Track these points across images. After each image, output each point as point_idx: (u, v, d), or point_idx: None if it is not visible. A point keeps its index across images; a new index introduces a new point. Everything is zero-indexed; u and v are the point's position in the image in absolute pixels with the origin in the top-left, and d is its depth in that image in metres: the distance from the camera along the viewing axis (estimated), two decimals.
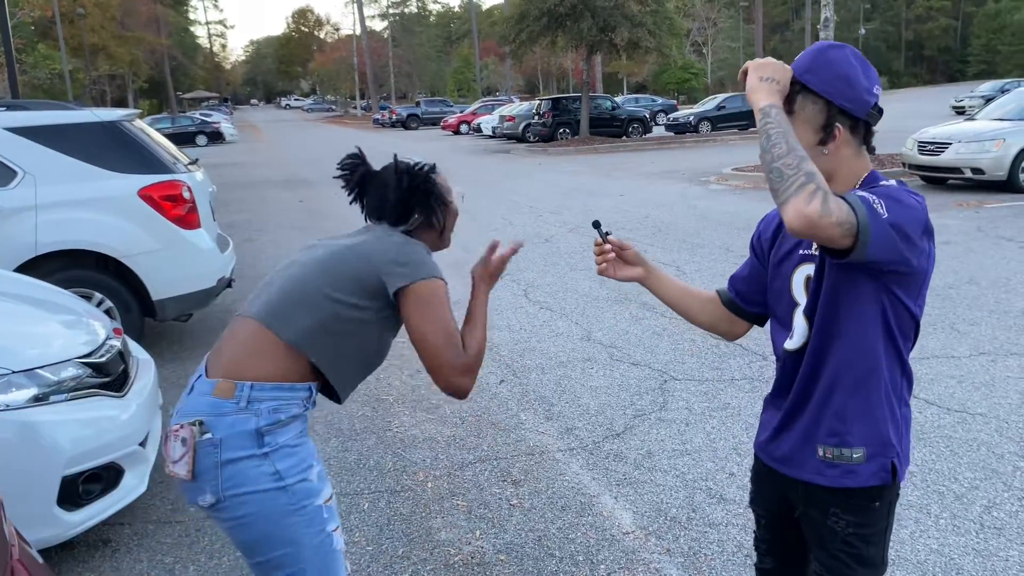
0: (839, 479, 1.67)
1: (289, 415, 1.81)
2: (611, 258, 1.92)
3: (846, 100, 1.59)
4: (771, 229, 1.85)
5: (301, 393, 1.85)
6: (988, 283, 6.70)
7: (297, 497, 1.80)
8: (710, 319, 1.96)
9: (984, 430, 3.99)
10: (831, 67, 1.60)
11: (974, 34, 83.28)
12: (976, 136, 12.13)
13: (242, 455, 1.75)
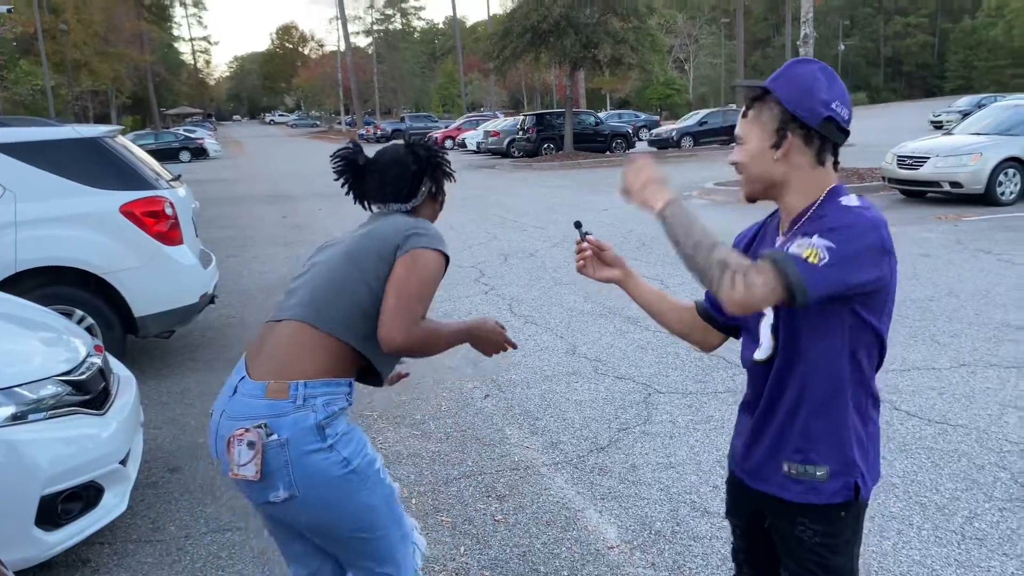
0: (803, 495, 1.70)
1: (339, 407, 1.93)
2: (587, 256, 1.97)
3: (799, 108, 1.64)
4: (744, 242, 1.89)
5: (344, 388, 1.96)
6: (967, 295, 6.77)
7: (364, 474, 1.94)
8: (684, 327, 1.98)
9: (965, 441, 4.02)
10: (795, 78, 1.67)
11: (951, 50, 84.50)
12: (954, 150, 12.29)
13: (310, 449, 1.86)
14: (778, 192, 1.72)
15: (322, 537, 2.02)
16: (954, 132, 14.03)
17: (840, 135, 1.68)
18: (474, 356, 5.81)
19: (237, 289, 8.42)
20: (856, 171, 15.91)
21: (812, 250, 1.51)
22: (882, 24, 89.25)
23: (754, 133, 1.69)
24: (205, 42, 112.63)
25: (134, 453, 3.39)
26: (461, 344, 2.11)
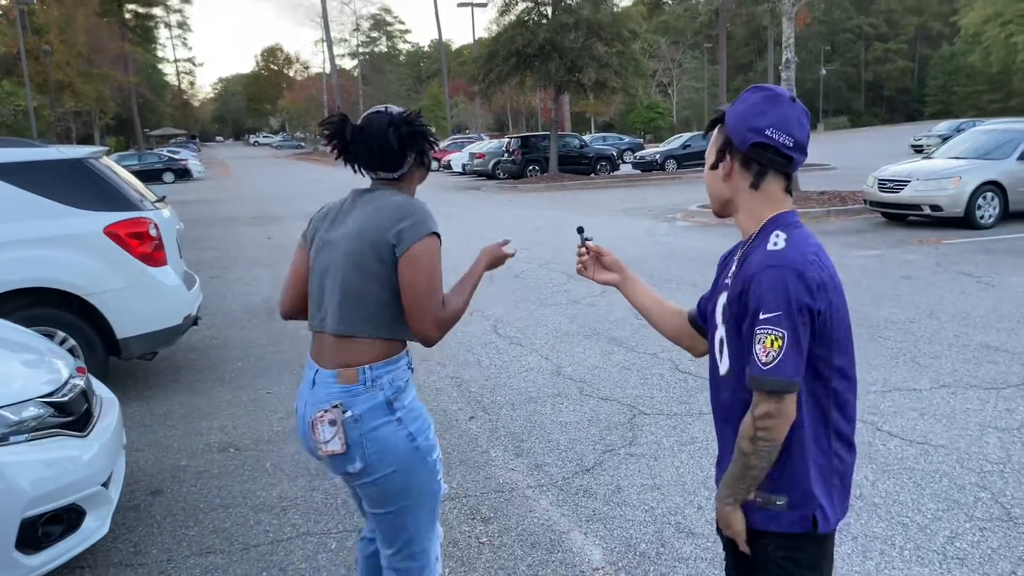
0: (763, 523, 1.74)
1: (404, 380, 2.18)
2: (586, 260, 2.12)
3: (732, 132, 1.74)
4: (724, 256, 1.97)
5: (404, 360, 2.21)
6: (948, 317, 6.84)
7: (424, 453, 2.18)
8: (673, 331, 2.08)
9: (946, 461, 4.05)
10: (739, 103, 1.77)
11: (930, 76, 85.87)
12: (934, 174, 12.46)
13: (380, 423, 2.11)
14: (731, 211, 1.83)
15: (378, 508, 2.21)
16: (934, 156, 14.23)
17: (779, 160, 1.72)
18: (459, 378, 5.81)
19: (221, 310, 8.38)
20: (838, 194, 16.09)
21: (761, 336, 1.61)
22: (863, 50, 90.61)
23: (711, 153, 1.81)
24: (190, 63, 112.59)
25: (116, 475, 3.36)
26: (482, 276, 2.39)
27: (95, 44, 50.89)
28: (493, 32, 29.29)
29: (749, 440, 1.64)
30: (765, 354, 1.59)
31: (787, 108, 1.72)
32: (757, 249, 1.71)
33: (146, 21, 78.91)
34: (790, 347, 1.59)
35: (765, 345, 1.60)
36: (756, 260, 1.68)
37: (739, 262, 1.78)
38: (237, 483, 4.17)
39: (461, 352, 6.49)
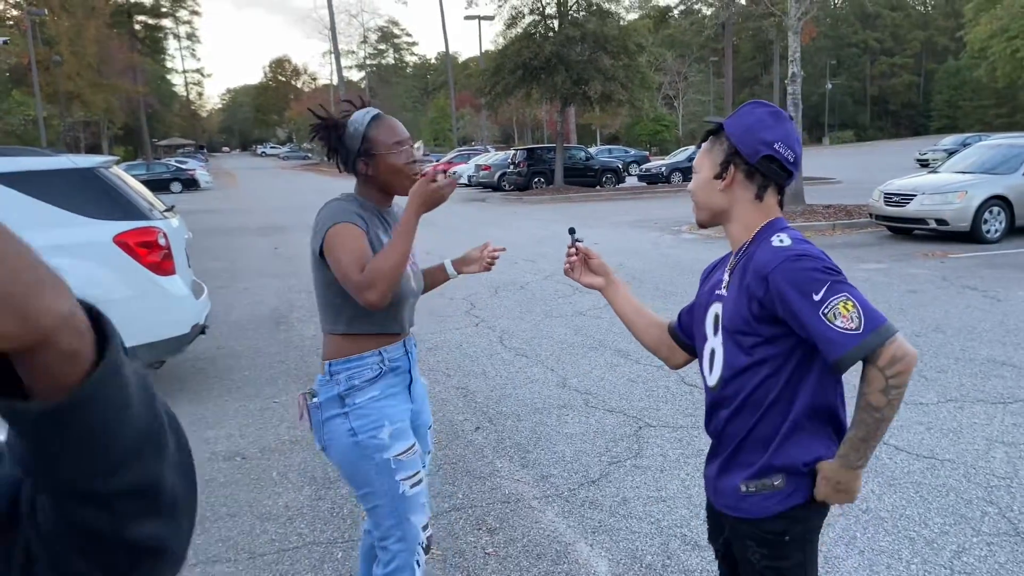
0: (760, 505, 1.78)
1: (363, 380, 2.28)
2: (574, 260, 2.13)
3: (742, 144, 1.77)
4: (707, 270, 2.01)
5: (369, 360, 2.29)
6: (954, 331, 6.83)
7: (368, 450, 2.26)
8: (652, 342, 2.11)
9: (952, 476, 4.05)
10: (744, 116, 1.81)
11: (936, 90, 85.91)
12: (940, 188, 12.46)
13: (332, 414, 2.28)
14: (724, 221, 1.85)
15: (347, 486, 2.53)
16: (940, 170, 14.24)
17: (782, 174, 1.79)
18: (465, 388, 5.82)
19: (228, 320, 8.41)
20: (844, 208, 16.09)
21: (832, 311, 1.62)
22: (868, 64, 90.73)
23: (705, 164, 1.84)
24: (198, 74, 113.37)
25: None
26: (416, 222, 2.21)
27: (105, 55, 51.28)
28: (500, 45, 29.40)
29: (881, 392, 1.61)
30: (848, 321, 1.60)
31: (789, 125, 1.80)
32: (759, 252, 1.74)
33: (155, 32, 79.54)
34: (859, 300, 1.63)
35: (843, 314, 1.60)
36: (766, 259, 1.69)
37: (735, 270, 1.81)
38: (244, 492, 4.18)
39: (467, 363, 6.50)
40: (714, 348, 1.83)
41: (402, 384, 2.39)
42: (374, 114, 2.30)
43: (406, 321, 2.40)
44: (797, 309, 1.63)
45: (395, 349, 2.36)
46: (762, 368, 1.73)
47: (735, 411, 1.78)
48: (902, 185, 13.10)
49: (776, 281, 1.65)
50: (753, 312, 1.70)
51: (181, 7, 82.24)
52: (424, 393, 2.59)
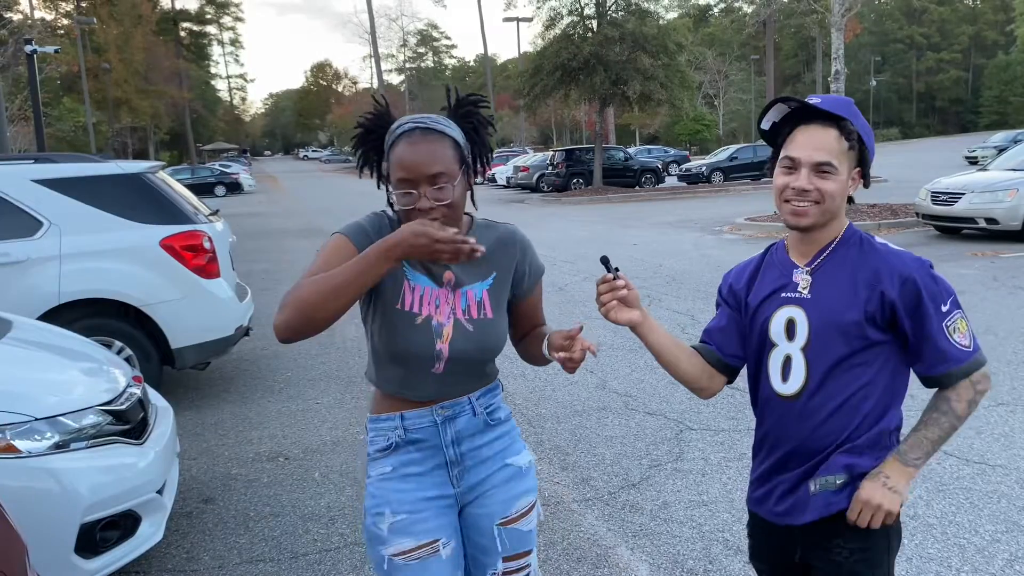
0: (823, 509, 1.73)
1: (376, 448, 1.89)
2: (623, 295, 1.71)
3: (869, 144, 1.72)
4: (745, 276, 1.88)
5: (387, 423, 1.87)
6: (1006, 333, 6.66)
7: (370, 536, 1.88)
8: (695, 372, 1.86)
9: (1004, 482, 3.94)
10: (860, 116, 1.72)
11: (985, 85, 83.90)
12: (989, 186, 12.16)
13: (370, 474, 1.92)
14: (828, 220, 1.73)
15: None
16: (989, 168, 13.88)
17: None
18: (505, 391, 5.81)
19: (272, 322, 8.52)
20: (890, 207, 15.79)
21: (954, 325, 1.66)
22: (914, 60, 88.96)
23: (844, 166, 1.69)
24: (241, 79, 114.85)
25: (170, 483, 3.44)
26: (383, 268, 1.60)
27: (151, 62, 52.48)
28: (538, 46, 29.45)
29: (968, 403, 1.66)
30: (964, 338, 1.67)
31: None
32: (884, 255, 1.69)
33: (200, 39, 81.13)
34: (967, 323, 1.70)
35: (962, 331, 1.67)
36: (903, 261, 1.67)
37: (821, 271, 1.73)
38: (286, 492, 4.24)
39: (506, 365, 6.51)
40: (790, 355, 1.73)
41: (429, 463, 1.87)
42: (401, 131, 1.75)
43: (431, 388, 1.83)
44: (925, 315, 1.64)
45: (419, 417, 1.85)
46: (863, 374, 1.68)
47: (826, 418, 1.70)
48: (950, 183, 12.81)
49: (919, 284, 1.64)
50: (869, 312, 1.65)
51: (225, 14, 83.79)
52: (503, 471, 1.94)
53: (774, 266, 1.82)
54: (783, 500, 1.79)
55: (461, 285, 1.84)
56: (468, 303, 1.84)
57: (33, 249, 5.21)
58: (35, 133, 19.23)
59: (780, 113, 1.75)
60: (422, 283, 1.81)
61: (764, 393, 1.81)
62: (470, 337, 1.83)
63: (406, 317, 1.79)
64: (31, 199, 5.27)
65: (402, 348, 1.78)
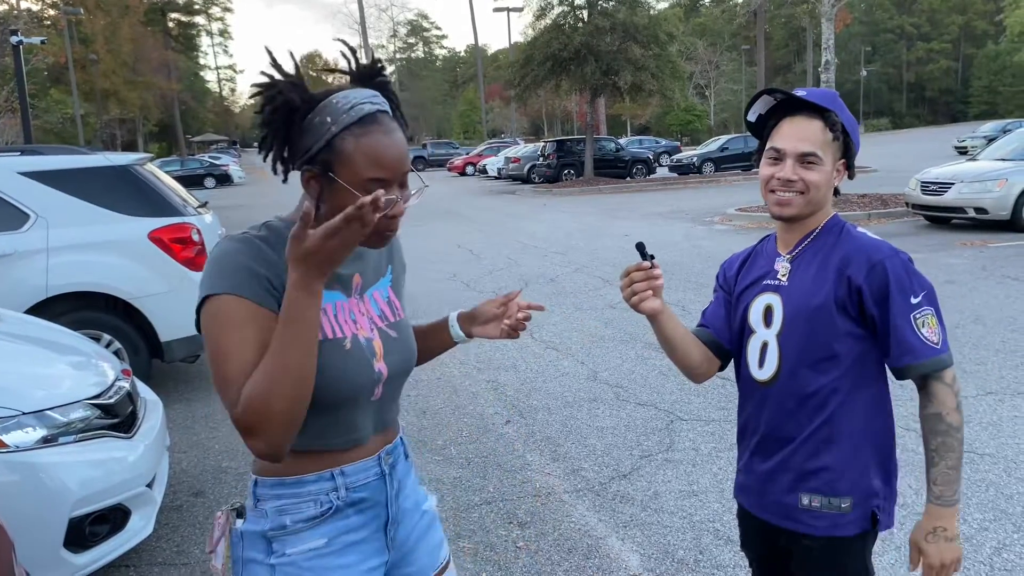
0: (827, 530, 1.71)
1: (300, 519, 1.43)
2: (660, 285, 1.68)
3: (853, 135, 1.72)
4: (736, 264, 1.91)
5: (314, 486, 1.43)
6: (994, 322, 6.69)
7: None
8: (698, 359, 1.85)
9: (992, 471, 3.97)
10: (845, 109, 1.72)
11: (975, 75, 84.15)
12: (979, 176, 12.20)
13: (252, 557, 1.44)
14: (813, 211, 1.73)
15: None
16: (979, 158, 13.93)
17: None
18: (495, 381, 5.82)
19: None
20: (880, 197, 15.83)
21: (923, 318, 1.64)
22: (904, 50, 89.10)
23: (829, 157, 1.68)
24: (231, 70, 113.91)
25: (160, 476, 3.42)
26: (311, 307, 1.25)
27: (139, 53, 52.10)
28: (529, 36, 29.32)
29: (956, 410, 1.63)
30: (932, 333, 1.63)
31: None
32: (856, 240, 1.68)
33: (188, 29, 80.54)
34: (940, 323, 1.66)
35: (931, 326, 1.64)
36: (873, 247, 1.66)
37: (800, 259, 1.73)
38: None
39: (497, 356, 6.51)
40: (766, 341, 1.74)
41: (370, 526, 1.50)
42: (369, 111, 1.35)
43: (369, 422, 1.49)
44: (892, 303, 1.62)
45: (363, 470, 1.48)
46: (832, 364, 1.67)
47: (796, 407, 1.70)
48: (940, 173, 12.85)
49: (887, 270, 1.62)
50: (838, 298, 1.64)
51: (213, 4, 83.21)
52: (421, 521, 1.62)
53: (762, 255, 1.84)
54: (762, 496, 1.80)
55: (367, 288, 1.51)
56: (380, 307, 1.52)
57: (20, 242, 5.17)
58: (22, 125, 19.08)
59: (766, 105, 1.76)
60: (331, 299, 1.42)
61: (744, 378, 1.83)
62: (397, 346, 1.52)
63: (332, 347, 1.39)
64: (18, 191, 5.23)
65: (340, 387, 1.39)
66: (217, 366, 1.28)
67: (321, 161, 1.34)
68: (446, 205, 21.99)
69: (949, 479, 1.63)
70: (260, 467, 1.44)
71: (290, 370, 1.22)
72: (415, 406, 5.33)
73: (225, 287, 1.31)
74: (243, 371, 1.26)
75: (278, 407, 1.23)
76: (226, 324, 1.29)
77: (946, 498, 1.63)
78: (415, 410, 5.26)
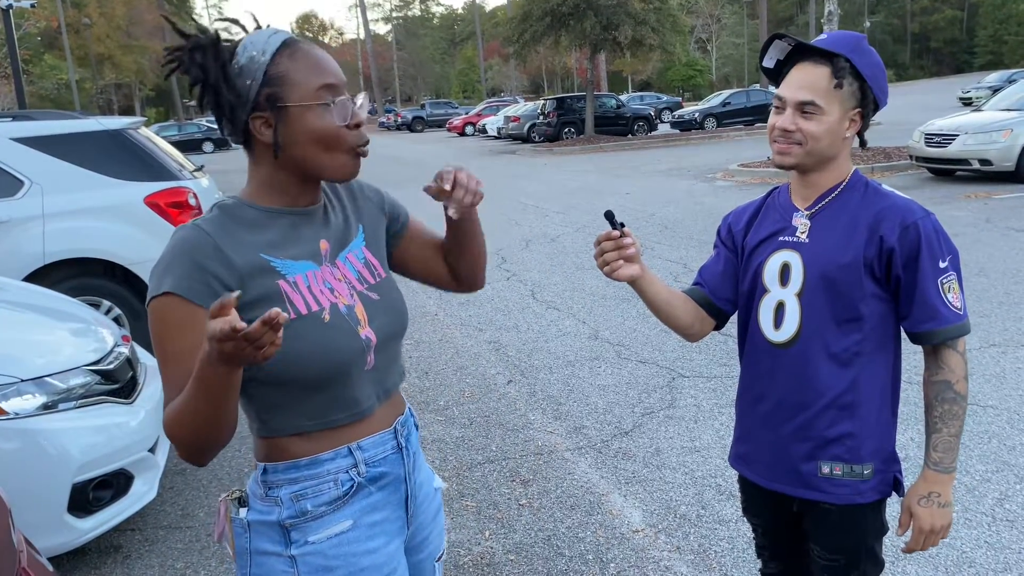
0: (849, 497, 1.68)
1: (320, 502, 1.36)
2: (631, 254, 1.63)
3: (878, 89, 1.63)
4: (744, 218, 1.81)
5: (331, 465, 1.36)
6: (998, 274, 6.66)
7: None
8: (689, 318, 1.79)
9: (995, 422, 3.96)
10: (870, 55, 1.62)
11: (980, 25, 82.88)
12: (983, 127, 12.05)
13: (267, 550, 1.36)
14: (823, 167, 1.65)
15: None
16: (983, 108, 13.76)
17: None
18: (497, 342, 5.82)
19: None
20: (883, 150, 15.68)
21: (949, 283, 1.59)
22: (908, 0, 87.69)
23: (835, 107, 1.59)
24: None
25: (162, 441, 3.43)
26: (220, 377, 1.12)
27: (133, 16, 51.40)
28: None
29: (965, 379, 1.60)
30: (957, 299, 1.60)
31: None
32: (889, 199, 1.61)
33: None
34: (961, 289, 1.62)
35: (955, 291, 1.60)
36: (905, 208, 1.59)
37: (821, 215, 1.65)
38: None
39: (499, 317, 6.50)
40: (783, 301, 1.66)
41: (394, 502, 1.45)
42: (285, 38, 1.32)
43: (371, 393, 1.42)
44: (921, 266, 1.57)
45: (381, 443, 1.42)
46: (856, 326, 1.61)
47: (817, 370, 1.63)
48: (944, 125, 12.70)
49: (920, 232, 1.56)
50: (867, 257, 1.58)
51: None
52: (434, 501, 1.58)
53: (775, 209, 1.74)
54: (773, 466, 1.74)
55: (339, 252, 1.42)
56: (357, 269, 1.43)
57: (15, 209, 5.13)
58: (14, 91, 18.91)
59: (782, 51, 1.67)
60: (302, 270, 1.34)
61: (754, 340, 1.74)
62: (383, 307, 1.44)
63: (310, 323, 1.31)
64: (11, 158, 5.17)
65: (326, 362, 1.32)
66: (159, 366, 1.25)
67: (265, 96, 1.28)
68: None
69: (950, 446, 1.60)
70: (268, 451, 1.37)
71: (198, 414, 1.17)
72: (417, 367, 5.33)
73: (167, 285, 1.24)
74: (176, 383, 1.22)
75: (187, 438, 1.20)
76: (166, 328, 1.24)
77: (945, 465, 1.61)
78: (417, 371, 5.26)
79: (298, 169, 1.33)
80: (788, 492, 1.72)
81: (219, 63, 1.29)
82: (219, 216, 1.31)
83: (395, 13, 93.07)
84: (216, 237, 1.26)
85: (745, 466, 1.82)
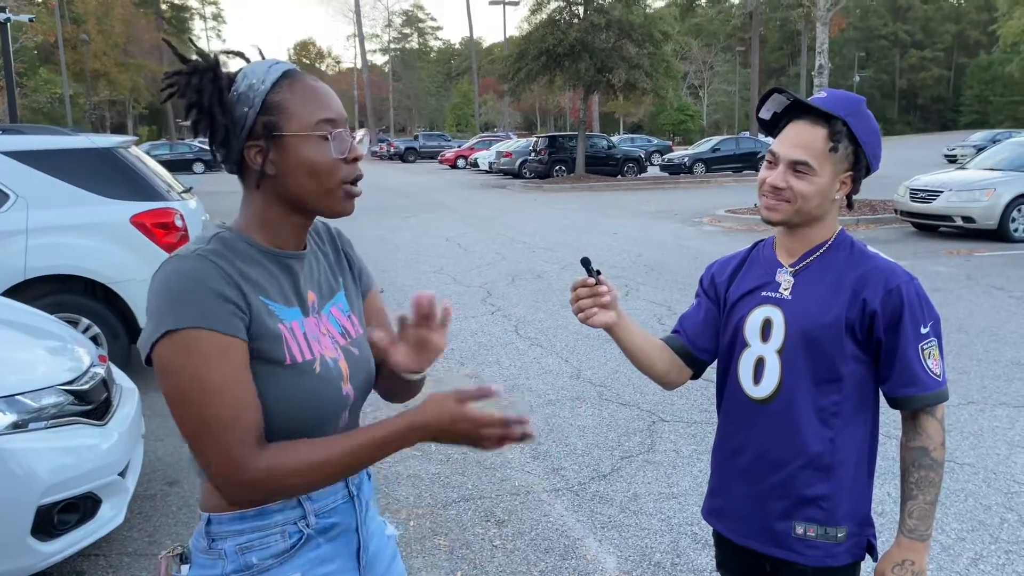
0: (820, 560, 1.65)
1: (268, 555, 1.28)
2: (607, 302, 1.63)
3: (872, 154, 1.62)
4: (728, 269, 1.80)
5: (279, 516, 1.29)
6: (977, 332, 6.71)
7: None
8: (665, 366, 1.79)
9: (972, 481, 3.97)
10: (868, 119, 1.63)
11: (966, 84, 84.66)
12: (967, 185, 12.26)
13: None
14: (810, 225, 1.65)
15: None
16: (968, 167, 14.00)
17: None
18: (478, 377, 5.78)
19: None
20: (868, 203, 15.88)
21: (929, 349, 1.60)
22: (897, 57, 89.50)
23: (828, 168, 1.58)
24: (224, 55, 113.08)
25: (134, 465, 3.37)
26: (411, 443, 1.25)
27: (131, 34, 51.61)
28: (524, 31, 29.25)
29: (942, 446, 1.60)
30: (936, 365, 1.60)
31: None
32: (873, 261, 1.61)
33: (181, 12, 79.74)
34: (941, 354, 1.63)
35: (935, 358, 1.60)
36: (889, 270, 1.60)
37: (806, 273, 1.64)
38: None
39: (481, 352, 6.47)
40: (763, 356, 1.65)
41: (344, 554, 1.39)
42: (287, 68, 1.30)
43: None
44: (903, 331, 1.57)
45: (332, 493, 1.36)
46: (836, 387, 1.60)
47: (795, 429, 1.62)
48: (929, 181, 12.90)
49: (903, 296, 1.57)
50: (849, 319, 1.58)
51: None
52: (387, 549, 1.51)
53: (759, 263, 1.74)
54: (747, 522, 1.71)
55: (324, 305, 1.38)
56: (340, 323, 1.39)
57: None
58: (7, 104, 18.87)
59: (779, 104, 1.67)
60: (293, 317, 1.29)
61: (733, 394, 1.73)
62: (361, 364, 1.39)
63: (303, 371, 1.27)
64: None
65: (310, 415, 1.27)
66: (198, 407, 1.16)
67: (262, 124, 1.25)
68: (436, 198, 21.93)
69: (925, 513, 1.59)
70: (215, 503, 1.28)
71: (352, 469, 1.21)
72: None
73: (192, 319, 1.16)
74: (224, 415, 1.15)
75: (300, 488, 1.22)
76: (205, 360, 1.16)
77: (920, 532, 1.60)
78: (394, 406, 5.22)
79: (289, 201, 1.29)
80: (760, 550, 1.70)
81: (216, 87, 1.26)
82: (221, 248, 1.25)
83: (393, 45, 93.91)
84: (226, 269, 1.22)
85: (717, 520, 1.80)
